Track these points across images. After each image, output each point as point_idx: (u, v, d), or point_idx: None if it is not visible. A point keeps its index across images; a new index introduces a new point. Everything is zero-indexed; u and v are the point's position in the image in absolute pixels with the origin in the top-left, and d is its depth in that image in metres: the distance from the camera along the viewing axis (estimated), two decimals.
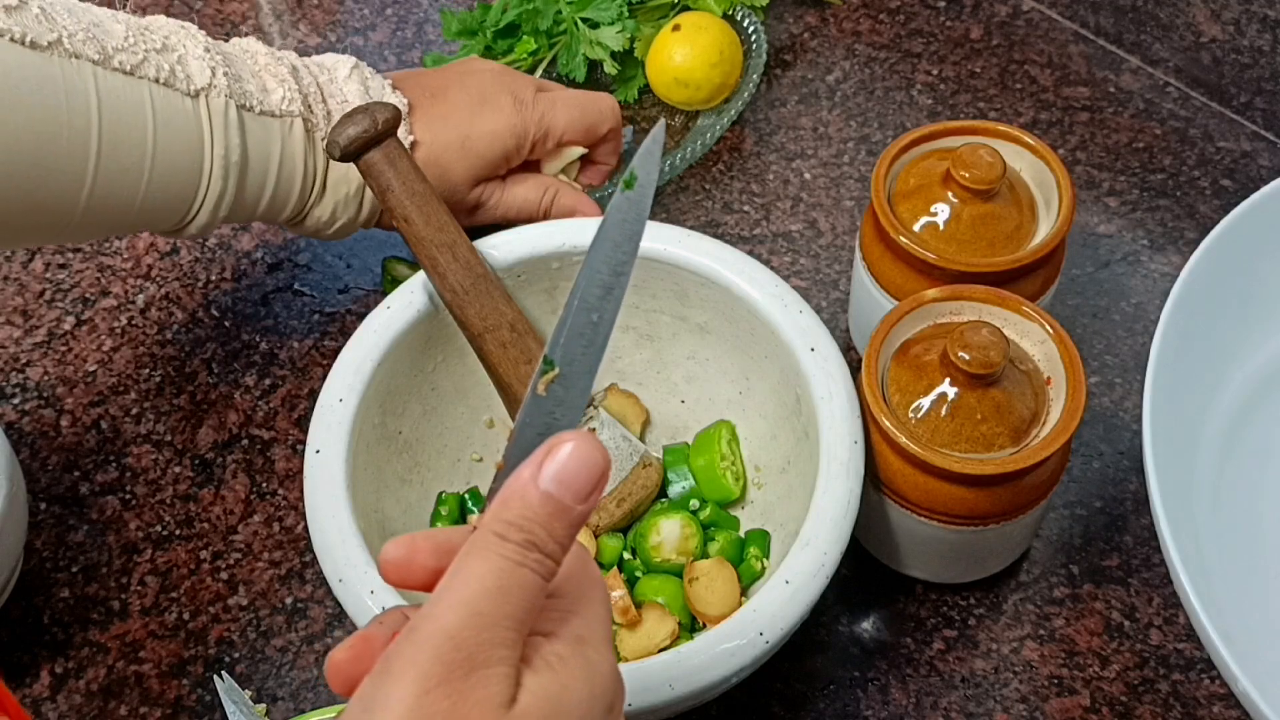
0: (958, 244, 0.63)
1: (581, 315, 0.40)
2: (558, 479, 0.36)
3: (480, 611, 0.34)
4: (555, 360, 0.39)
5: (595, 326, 0.40)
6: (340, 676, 0.37)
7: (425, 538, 0.38)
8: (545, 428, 0.39)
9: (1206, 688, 0.61)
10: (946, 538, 0.60)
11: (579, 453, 0.36)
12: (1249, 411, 0.65)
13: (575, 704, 0.36)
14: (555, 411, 0.39)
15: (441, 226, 0.63)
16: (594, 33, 0.82)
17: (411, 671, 0.33)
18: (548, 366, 0.39)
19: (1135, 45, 0.86)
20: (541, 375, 0.39)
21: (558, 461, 0.36)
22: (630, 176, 0.40)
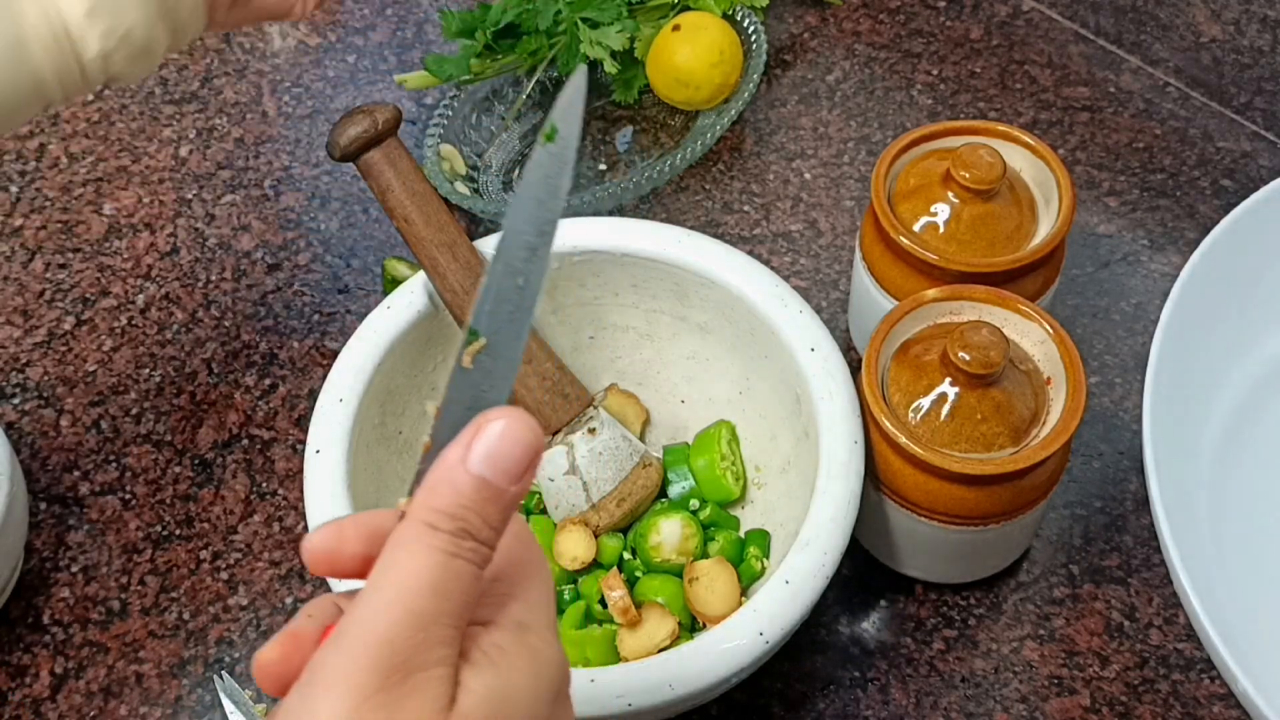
0: (958, 244, 0.63)
1: (506, 280, 0.37)
2: (488, 460, 0.34)
3: (415, 611, 0.32)
4: (479, 330, 0.37)
5: (521, 291, 0.37)
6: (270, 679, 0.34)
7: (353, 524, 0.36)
8: (473, 402, 0.36)
9: (1206, 688, 0.61)
10: (946, 538, 0.60)
11: (510, 431, 0.34)
12: (1249, 411, 0.65)
13: (520, 697, 0.34)
14: (483, 384, 0.36)
15: (441, 226, 0.63)
16: (594, 33, 0.82)
17: (342, 684, 0.31)
18: (472, 337, 0.37)
19: (1135, 45, 0.86)
20: (465, 346, 0.37)
21: (487, 441, 0.34)
22: (550, 130, 0.38)
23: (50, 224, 0.82)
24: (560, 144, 0.38)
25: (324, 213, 0.82)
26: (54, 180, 0.84)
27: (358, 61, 0.90)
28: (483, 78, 0.83)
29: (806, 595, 0.54)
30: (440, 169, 0.79)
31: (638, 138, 0.85)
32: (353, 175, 0.84)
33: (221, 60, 0.91)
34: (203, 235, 0.81)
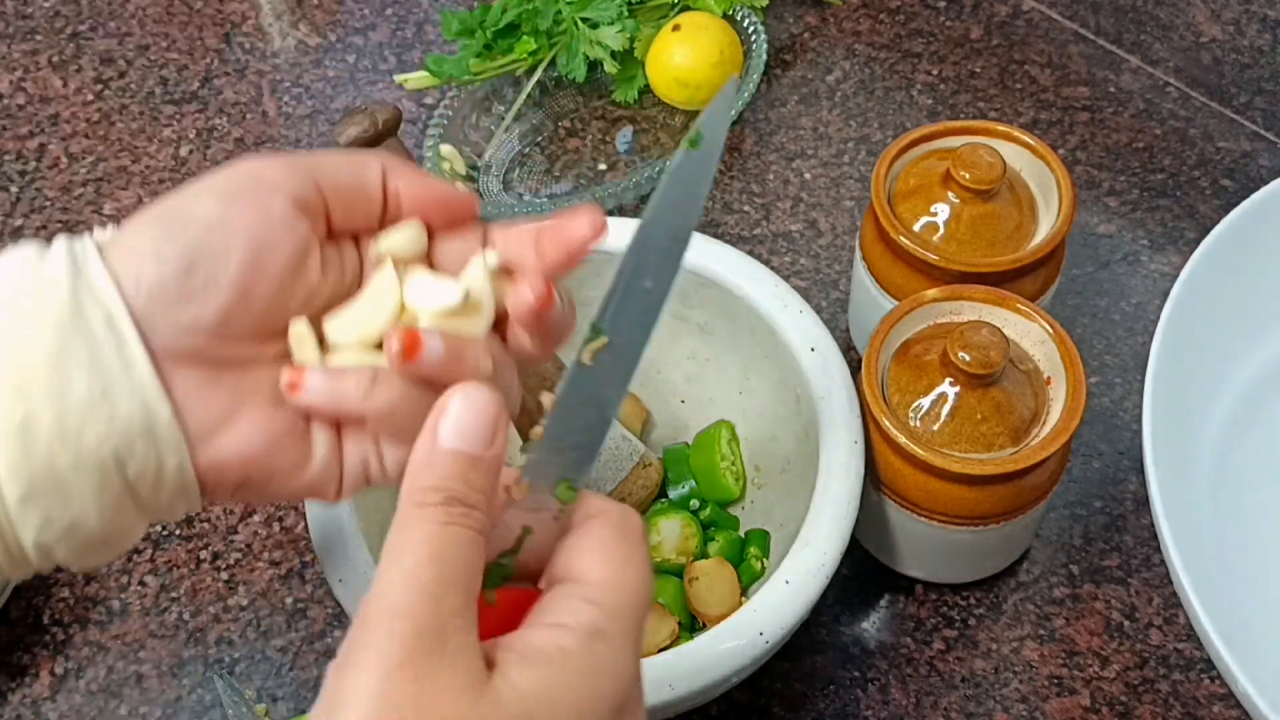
0: (958, 244, 0.63)
1: (635, 282, 0.37)
2: (457, 433, 0.35)
3: (423, 582, 0.33)
4: (603, 328, 0.37)
5: (649, 294, 0.37)
6: None
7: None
8: (589, 399, 0.37)
9: (1206, 688, 0.61)
10: (946, 538, 0.60)
11: (468, 402, 0.36)
12: (1249, 411, 0.65)
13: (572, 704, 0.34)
14: (602, 380, 0.37)
15: None
16: (594, 33, 0.82)
17: (371, 657, 0.32)
18: (594, 334, 0.37)
19: (1135, 45, 0.86)
20: (587, 343, 0.37)
21: (451, 417, 0.36)
22: (695, 135, 0.37)
23: (50, 224, 0.82)
24: (705, 151, 0.37)
25: None
26: (54, 180, 0.84)
27: (358, 61, 0.90)
28: (483, 78, 0.83)
29: (806, 595, 0.54)
30: (440, 169, 0.79)
31: (638, 138, 0.85)
32: None
33: (221, 60, 0.91)
34: None
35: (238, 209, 0.40)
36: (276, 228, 0.40)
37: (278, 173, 0.41)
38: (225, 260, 0.39)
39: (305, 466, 0.42)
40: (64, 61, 0.91)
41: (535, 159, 0.84)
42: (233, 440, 0.40)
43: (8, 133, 0.87)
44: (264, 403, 0.41)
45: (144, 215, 0.40)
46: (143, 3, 0.95)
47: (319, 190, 0.42)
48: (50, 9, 0.95)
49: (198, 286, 0.39)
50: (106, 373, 0.38)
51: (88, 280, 0.38)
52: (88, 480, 0.38)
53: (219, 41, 0.92)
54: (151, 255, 0.39)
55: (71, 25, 0.94)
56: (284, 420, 0.41)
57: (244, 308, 0.40)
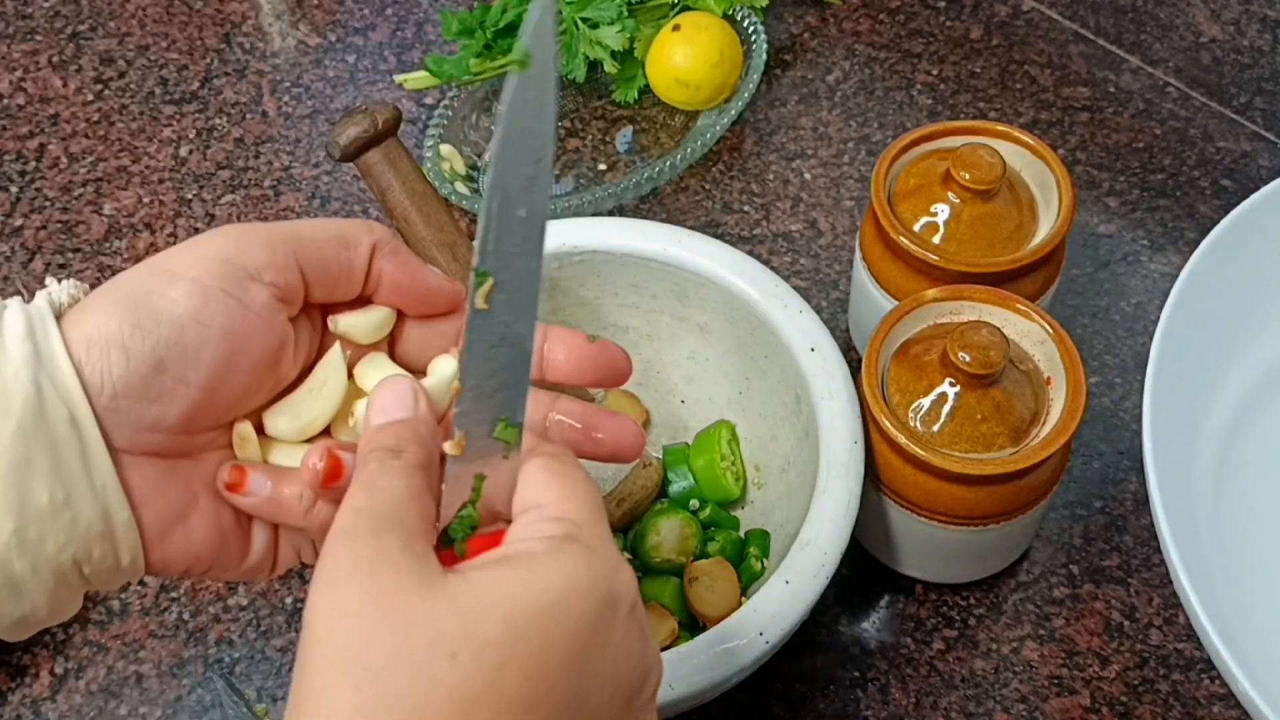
0: (958, 244, 0.63)
1: (506, 213, 0.36)
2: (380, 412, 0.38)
3: (359, 507, 0.35)
4: (486, 269, 0.36)
5: (525, 221, 0.36)
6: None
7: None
8: (498, 340, 0.37)
9: (1206, 688, 0.61)
10: (946, 538, 0.60)
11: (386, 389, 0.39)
12: (1249, 411, 0.65)
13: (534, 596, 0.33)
14: (504, 319, 0.37)
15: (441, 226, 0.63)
16: (594, 33, 0.82)
17: (322, 574, 0.34)
18: (480, 278, 0.36)
19: (1135, 45, 0.86)
20: (475, 288, 0.36)
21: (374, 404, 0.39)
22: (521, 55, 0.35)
23: (50, 224, 0.82)
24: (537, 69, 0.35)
25: (324, 213, 0.82)
26: (54, 180, 0.84)
27: (358, 61, 0.90)
28: (483, 78, 0.83)
29: (806, 595, 0.54)
30: (440, 169, 0.79)
31: (638, 138, 0.85)
32: (353, 175, 0.83)
33: (221, 60, 0.91)
34: None
35: (215, 305, 0.38)
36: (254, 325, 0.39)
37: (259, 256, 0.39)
38: (196, 361, 0.38)
39: (244, 558, 0.42)
40: (64, 61, 0.91)
41: None
42: (183, 540, 0.40)
43: (8, 133, 0.87)
44: (214, 498, 0.41)
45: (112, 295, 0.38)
46: (143, 3, 0.95)
47: (301, 273, 0.40)
48: (50, 9, 0.95)
49: (165, 387, 0.38)
50: (69, 479, 0.37)
51: (51, 374, 0.37)
52: (44, 584, 0.37)
53: (219, 41, 0.92)
54: (119, 349, 0.37)
55: (71, 25, 0.94)
56: (229, 516, 0.41)
57: (210, 406, 0.39)
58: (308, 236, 0.41)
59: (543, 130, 0.36)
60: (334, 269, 0.41)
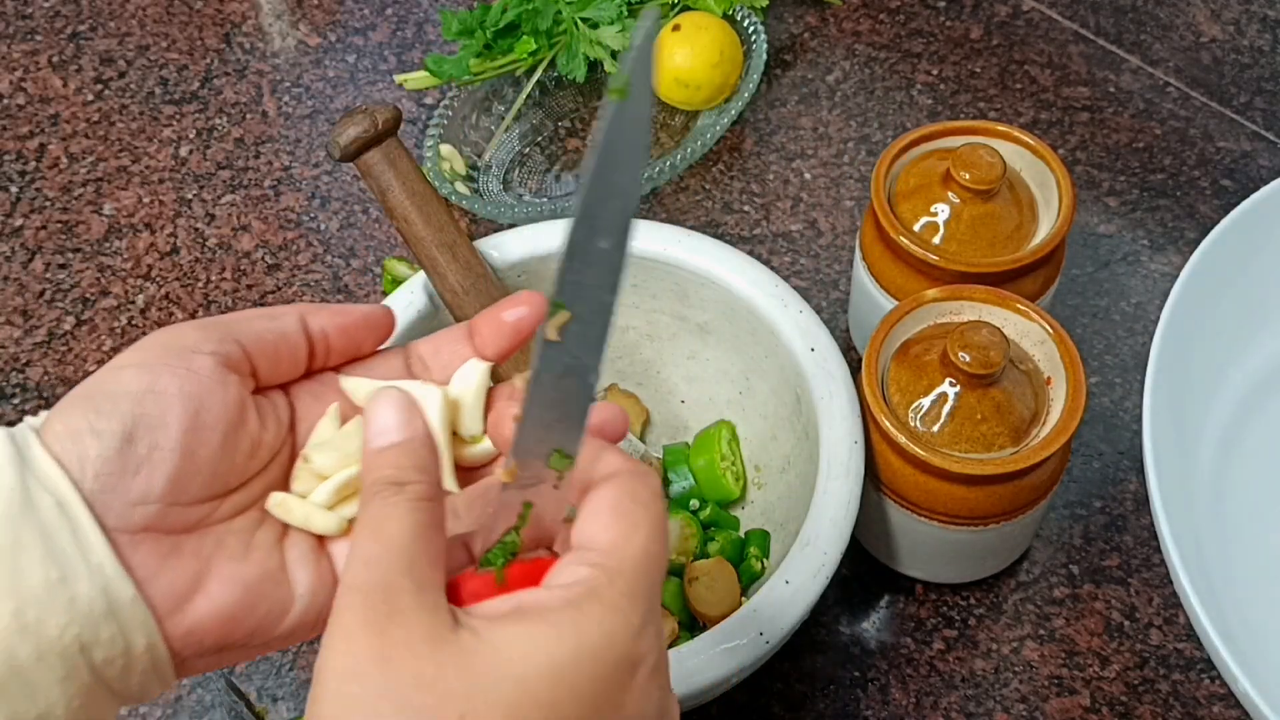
0: (958, 244, 0.63)
1: (588, 245, 0.35)
2: (377, 433, 0.39)
3: (362, 557, 0.35)
4: (563, 300, 0.36)
5: (607, 255, 0.36)
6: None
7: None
8: (567, 370, 0.37)
9: (1206, 688, 0.61)
10: (946, 538, 0.60)
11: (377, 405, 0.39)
12: (1249, 411, 0.65)
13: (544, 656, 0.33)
14: (575, 352, 0.37)
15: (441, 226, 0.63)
16: (594, 33, 0.82)
17: (333, 633, 0.34)
18: (556, 308, 0.36)
19: (1135, 45, 0.86)
20: (550, 318, 0.36)
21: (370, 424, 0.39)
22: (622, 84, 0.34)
23: (50, 224, 0.82)
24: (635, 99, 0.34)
25: (324, 213, 0.82)
26: (54, 180, 0.84)
27: (358, 61, 0.90)
28: (483, 78, 0.83)
29: (806, 595, 0.54)
30: (440, 169, 0.79)
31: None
32: (353, 175, 0.84)
33: (221, 60, 0.91)
34: (203, 235, 0.81)
35: (165, 375, 0.39)
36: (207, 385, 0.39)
37: (195, 335, 0.40)
38: (164, 425, 0.38)
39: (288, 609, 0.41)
40: (64, 61, 0.91)
41: (535, 159, 0.84)
42: (205, 603, 0.39)
43: (8, 133, 0.87)
44: (231, 557, 0.40)
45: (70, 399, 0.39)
46: (143, 3, 0.95)
47: (241, 347, 0.41)
48: (50, 9, 0.95)
49: (142, 456, 0.38)
50: (62, 558, 0.37)
51: (33, 467, 0.37)
52: (52, 672, 0.37)
53: (219, 41, 0.92)
54: (88, 433, 0.38)
55: (71, 25, 0.94)
56: (256, 567, 0.40)
57: (192, 470, 0.39)
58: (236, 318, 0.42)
59: (635, 164, 0.35)
60: (267, 338, 0.42)
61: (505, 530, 0.38)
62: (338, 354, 0.44)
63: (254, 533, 0.41)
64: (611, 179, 0.35)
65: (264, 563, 0.41)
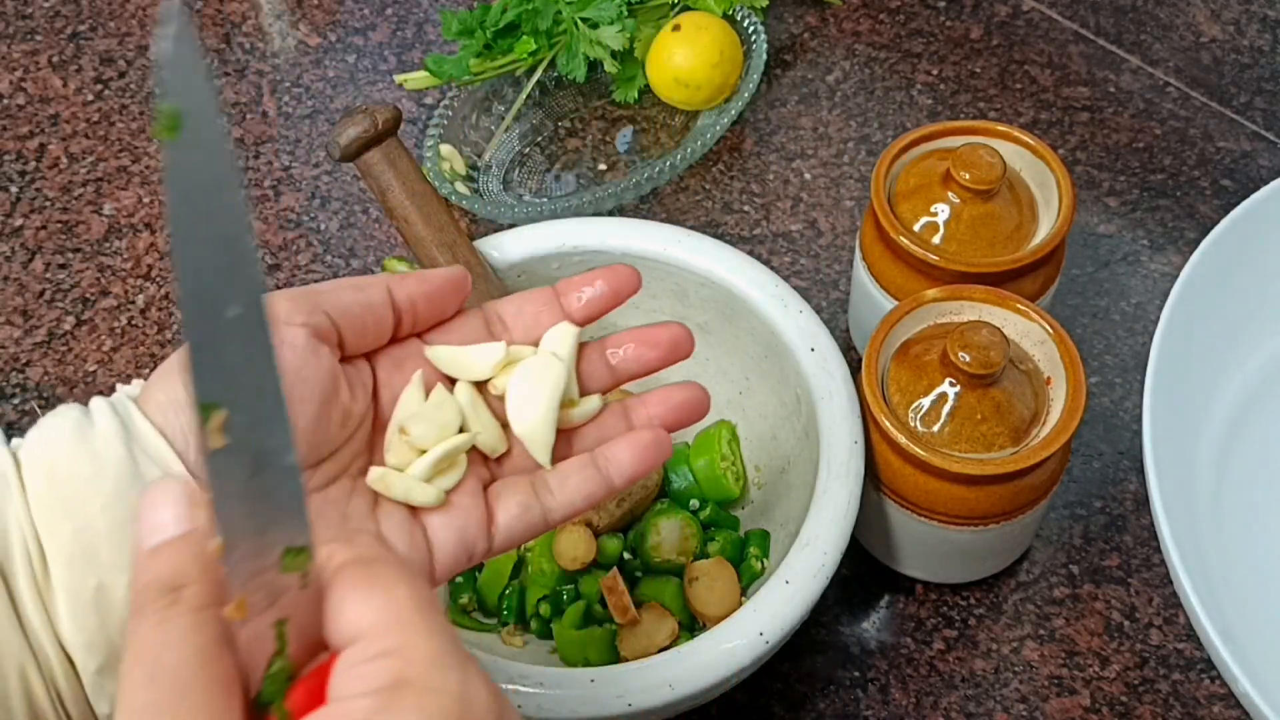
0: (958, 244, 0.63)
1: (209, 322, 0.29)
2: (152, 530, 0.32)
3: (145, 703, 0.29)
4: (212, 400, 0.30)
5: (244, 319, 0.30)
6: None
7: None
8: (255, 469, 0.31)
9: (1206, 688, 0.61)
10: (946, 538, 0.60)
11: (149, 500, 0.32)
12: (1249, 411, 0.65)
13: None
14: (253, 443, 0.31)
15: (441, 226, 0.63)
16: (594, 32, 0.82)
17: None
18: (205, 413, 0.30)
19: (1135, 45, 0.86)
20: (206, 424, 0.30)
21: (143, 521, 0.32)
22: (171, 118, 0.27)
23: (50, 224, 0.82)
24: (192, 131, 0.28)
25: (324, 213, 0.82)
26: (54, 180, 0.84)
27: (358, 61, 0.90)
28: (483, 78, 0.83)
29: (806, 595, 0.54)
30: (440, 169, 0.79)
31: (638, 138, 0.85)
32: (353, 175, 0.84)
33: (221, 60, 0.91)
34: None
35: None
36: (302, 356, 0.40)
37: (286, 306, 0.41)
38: None
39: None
40: (64, 61, 0.91)
41: (535, 159, 0.84)
42: None
43: (8, 133, 0.87)
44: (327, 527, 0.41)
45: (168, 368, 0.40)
46: (143, 3, 0.95)
47: (330, 318, 0.42)
48: (50, 9, 0.95)
49: None
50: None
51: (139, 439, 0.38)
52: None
53: (219, 41, 0.92)
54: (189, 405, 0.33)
55: (71, 25, 0.94)
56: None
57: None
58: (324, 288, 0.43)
59: (232, 203, 0.29)
60: (354, 309, 0.43)
61: (268, 663, 0.31)
62: (424, 320, 0.45)
63: (348, 502, 0.42)
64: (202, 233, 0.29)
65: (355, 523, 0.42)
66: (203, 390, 0.30)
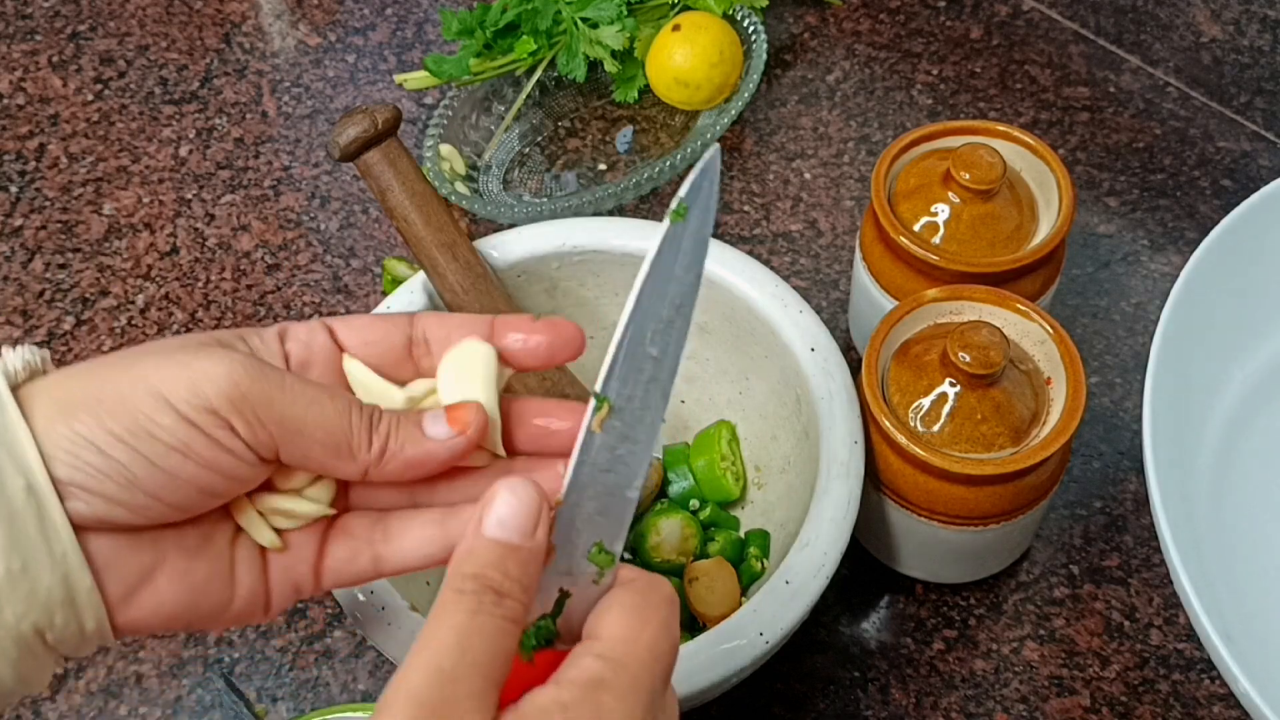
0: (958, 244, 0.63)
1: (636, 349, 0.38)
2: (498, 523, 0.36)
3: (441, 668, 0.34)
4: (608, 396, 0.38)
5: (657, 362, 0.38)
6: None
7: None
8: (609, 465, 0.38)
9: (1206, 688, 0.61)
10: (946, 538, 0.60)
11: (512, 494, 0.37)
12: (1249, 411, 0.65)
13: None
14: (619, 449, 0.38)
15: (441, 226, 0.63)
16: (594, 32, 0.82)
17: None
18: (599, 403, 0.38)
19: (1135, 45, 0.86)
20: (595, 412, 0.38)
21: (496, 508, 0.37)
22: (679, 207, 0.38)
23: (50, 224, 0.82)
24: (695, 223, 0.38)
25: (324, 213, 0.82)
26: (54, 180, 0.84)
27: (358, 61, 0.90)
28: (483, 78, 0.83)
29: (806, 595, 0.54)
30: (440, 169, 0.79)
31: (638, 138, 0.85)
32: (353, 175, 0.84)
33: (221, 60, 0.91)
34: (203, 235, 0.81)
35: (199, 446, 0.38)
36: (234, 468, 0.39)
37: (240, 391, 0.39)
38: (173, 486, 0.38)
39: (229, 606, 0.41)
40: (64, 61, 0.91)
41: (535, 159, 0.84)
42: (151, 599, 0.39)
43: (8, 133, 0.87)
44: (183, 555, 0.40)
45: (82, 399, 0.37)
46: (143, 3, 0.95)
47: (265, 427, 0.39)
48: (50, 9, 0.95)
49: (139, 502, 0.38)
50: (26, 548, 0.36)
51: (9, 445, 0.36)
52: (5, 653, 0.37)
53: (219, 41, 0.92)
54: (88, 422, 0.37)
55: (71, 25, 0.94)
56: (205, 569, 0.40)
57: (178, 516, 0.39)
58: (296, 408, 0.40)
59: (689, 280, 0.38)
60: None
61: (540, 616, 0.38)
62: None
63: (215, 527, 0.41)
64: (662, 290, 0.38)
65: (215, 561, 0.40)
66: (605, 386, 0.38)
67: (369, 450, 0.40)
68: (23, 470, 0.36)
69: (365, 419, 0.40)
